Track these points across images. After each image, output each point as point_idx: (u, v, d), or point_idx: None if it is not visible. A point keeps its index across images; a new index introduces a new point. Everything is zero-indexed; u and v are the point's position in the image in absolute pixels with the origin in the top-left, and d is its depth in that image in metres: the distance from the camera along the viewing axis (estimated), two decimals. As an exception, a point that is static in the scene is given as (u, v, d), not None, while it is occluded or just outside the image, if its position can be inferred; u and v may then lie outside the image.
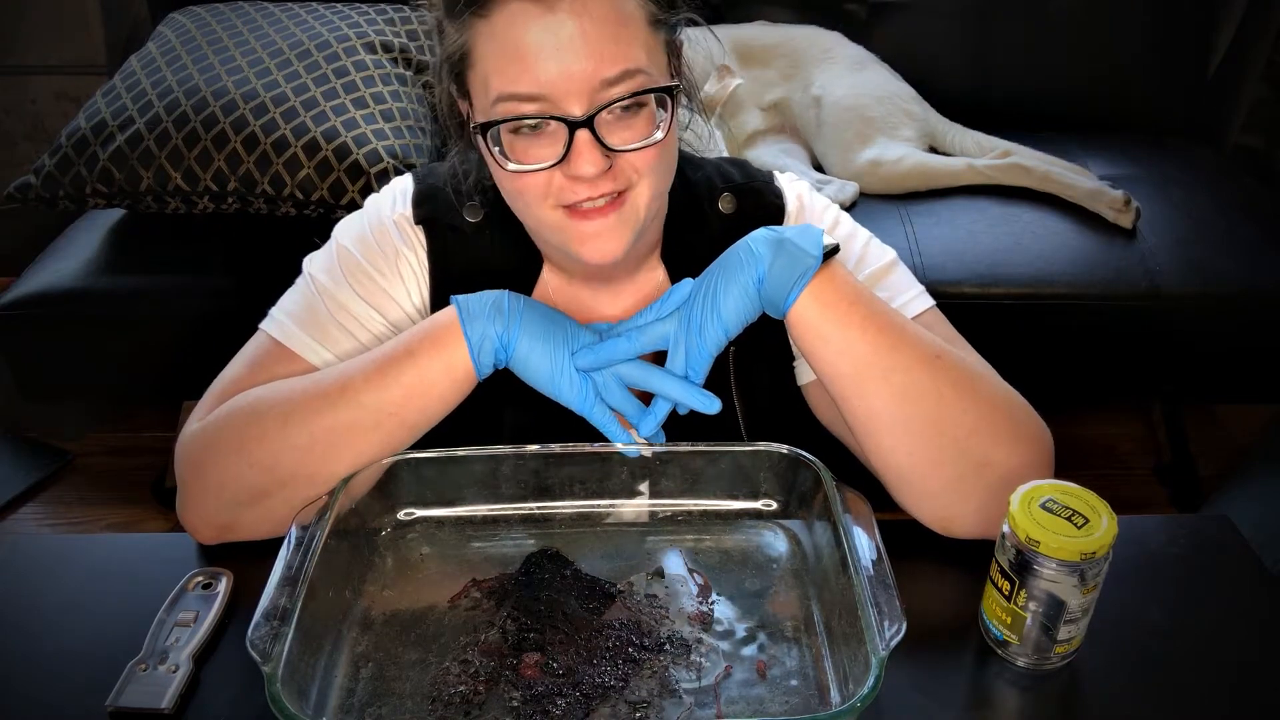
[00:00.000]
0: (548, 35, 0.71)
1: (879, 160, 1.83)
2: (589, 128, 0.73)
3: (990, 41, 2.07)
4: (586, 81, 0.72)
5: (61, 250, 1.74)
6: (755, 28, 2.02)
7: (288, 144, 1.59)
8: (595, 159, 0.74)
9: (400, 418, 0.79)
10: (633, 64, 0.73)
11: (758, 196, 0.91)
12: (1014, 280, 1.65)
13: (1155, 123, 2.10)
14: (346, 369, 0.81)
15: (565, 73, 0.72)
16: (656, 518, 0.86)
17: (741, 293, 0.76)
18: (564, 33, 0.71)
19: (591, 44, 0.71)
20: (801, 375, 0.94)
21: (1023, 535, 0.71)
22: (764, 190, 0.92)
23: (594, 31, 0.71)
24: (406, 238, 0.90)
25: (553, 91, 0.73)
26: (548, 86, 0.73)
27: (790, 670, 0.72)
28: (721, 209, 0.91)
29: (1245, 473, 1.60)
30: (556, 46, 0.71)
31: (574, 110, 0.73)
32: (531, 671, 0.71)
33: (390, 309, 0.89)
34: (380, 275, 0.89)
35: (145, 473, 1.98)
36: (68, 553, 0.88)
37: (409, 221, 0.90)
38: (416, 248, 0.90)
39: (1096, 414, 2.15)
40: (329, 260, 0.90)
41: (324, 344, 0.87)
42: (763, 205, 0.91)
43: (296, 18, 1.79)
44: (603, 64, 0.72)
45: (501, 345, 0.78)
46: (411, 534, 0.85)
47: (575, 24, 0.71)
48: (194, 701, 0.72)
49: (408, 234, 0.90)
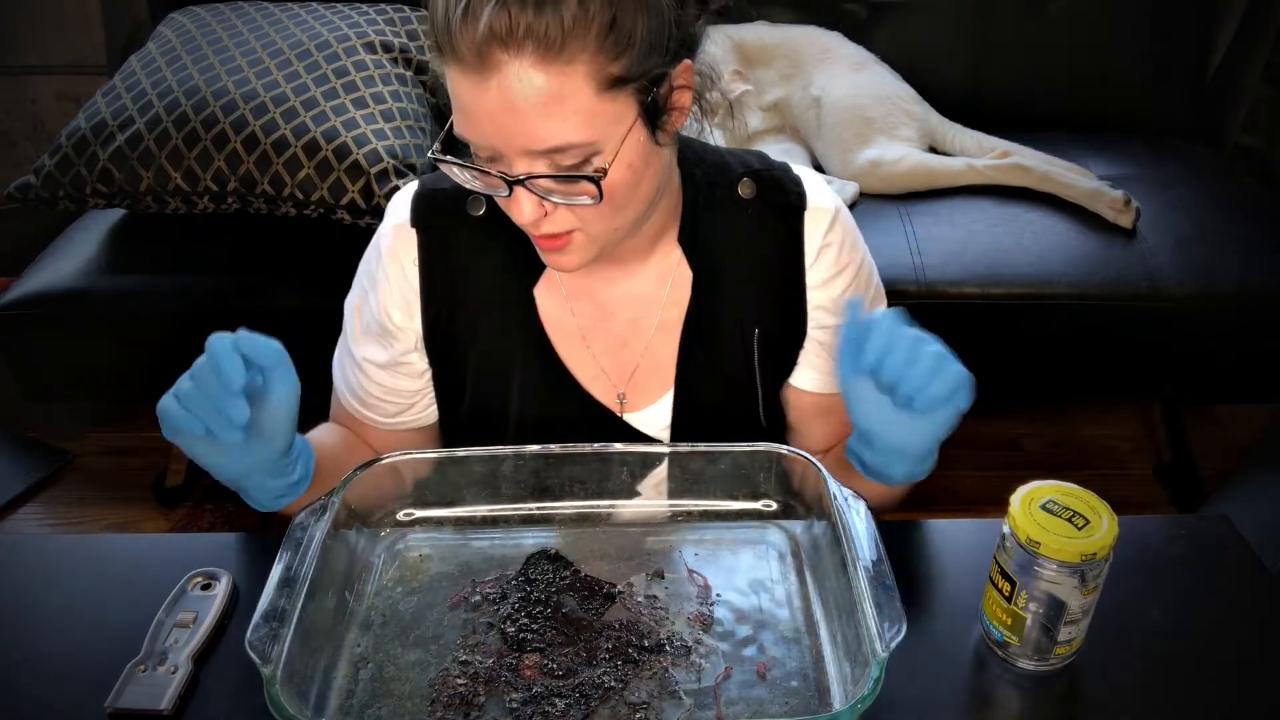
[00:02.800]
0: (482, 103, 0.71)
1: (879, 160, 1.83)
2: (522, 185, 0.74)
3: (990, 41, 2.07)
4: (520, 147, 0.72)
5: (61, 250, 1.74)
6: (755, 28, 2.02)
7: (288, 144, 1.59)
8: (531, 208, 0.75)
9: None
10: (562, 141, 0.72)
11: (778, 184, 0.91)
12: (1014, 280, 1.65)
13: (1155, 123, 2.10)
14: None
15: (498, 137, 0.72)
16: (656, 518, 0.86)
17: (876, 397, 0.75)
18: (493, 104, 0.71)
19: (520, 119, 0.71)
20: (796, 377, 0.95)
21: (1023, 536, 0.71)
22: (784, 179, 0.92)
23: (524, 107, 0.70)
24: (392, 247, 0.90)
25: (492, 147, 0.74)
26: (488, 141, 0.73)
27: (790, 671, 0.72)
28: (741, 194, 0.91)
29: (1245, 473, 1.60)
30: (489, 115, 0.71)
31: (515, 164, 0.74)
32: (531, 672, 0.71)
33: (389, 329, 0.91)
34: (373, 299, 0.91)
35: (145, 473, 1.98)
36: (68, 553, 0.88)
37: (404, 226, 0.90)
38: (402, 253, 0.90)
39: (1097, 414, 2.16)
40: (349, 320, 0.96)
41: (366, 406, 0.95)
42: (783, 193, 0.91)
43: (296, 18, 1.79)
44: (531, 139, 0.72)
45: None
46: (411, 534, 0.85)
47: (502, 99, 0.70)
48: (193, 702, 0.72)
49: (395, 243, 0.90)
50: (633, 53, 0.71)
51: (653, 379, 0.93)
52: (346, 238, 1.49)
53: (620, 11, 0.70)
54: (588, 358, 0.92)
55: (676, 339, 0.92)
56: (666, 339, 0.92)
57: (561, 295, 0.92)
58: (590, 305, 0.92)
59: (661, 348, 0.92)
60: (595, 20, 0.69)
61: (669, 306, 0.92)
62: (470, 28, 0.68)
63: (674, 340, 0.92)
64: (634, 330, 0.92)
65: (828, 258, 0.91)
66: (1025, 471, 1.80)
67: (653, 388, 0.93)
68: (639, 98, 0.74)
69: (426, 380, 0.94)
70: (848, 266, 0.92)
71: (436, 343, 0.91)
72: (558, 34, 0.68)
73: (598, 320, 0.92)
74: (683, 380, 0.92)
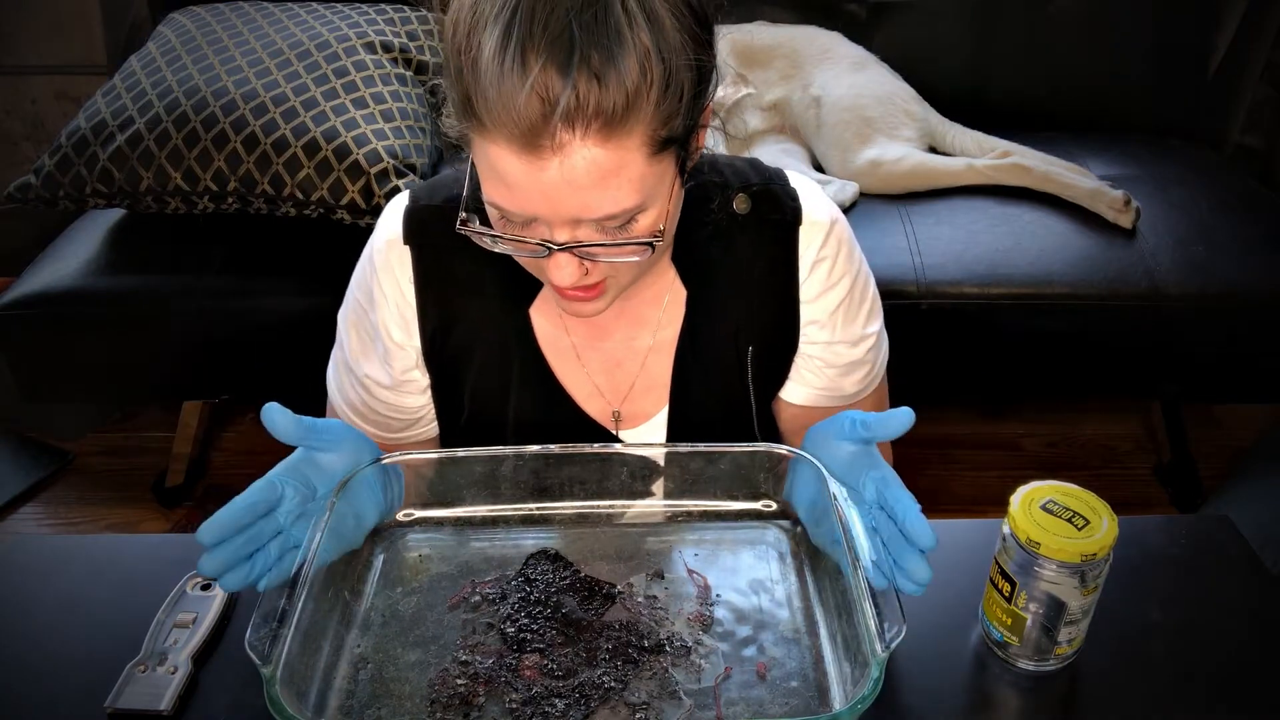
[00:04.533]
0: (533, 179, 0.68)
1: (879, 160, 1.83)
2: (568, 250, 0.73)
3: (990, 41, 2.07)
4: (569, 218, 0.70)
5: (61, 250, 1.74)
6: (755, 28, 2.02)
7: (288, 144, 1.59)
8: (573, 272, 0.74)
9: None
10: (619, 208, 0.70)
11: (774, 199, 0.90)
12: (1014, 280, 1.65)
13: (1155, 123, 2.10)
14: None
15: (547, 208, 0.70)
16: (656, 518, 0.86)
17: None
18: (549, 180, 0.68)
19: (577, 193, 0.68)
20: (787, 391, 0.95)
21: (1023, 537, 0.71)
22: (780, 194, 0.90)
23: (583, 181, 0.67)
24: (387, 264, 0.88)
25: (539, 218, 0.71)
26: (535, 213, 0.71)
27: (790, 671, 0.72)
28: (736, 209, 0.90)
29: (1245, 473, 1.60)
30: (542, 191, 0.68)
31: (558, 232, 0.72)
32: (531, 673, 0.71)
33: (389, 347, 0.91)
34: (370, 317, 0.91)
35: (145, 473, 1.98)
36: (67, 553, 0.88)
37: (397, 243, 0.88)
38: (397, 271, 0.88)
39: (1096, 414, 2.16)
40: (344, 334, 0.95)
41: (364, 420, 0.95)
42: (779, 208, 0.90)
43: (296, 18, 1.79)
44: (585, 210, 0.69)
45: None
46: (411, 534, 0.85)
47: (561, 176, 0.67)
48: (193, 703, 0.72)
49: (389, 259, 0.88)
50: (679, 113, 0.69)
51: (648, 397, 0.93)
52: (346, 238, 1.49)
53: (672, 69, 0.67)
54: (583, 376, 0.92)
55: (671, 357, 0.92)
56: (661, 358, 0.92)
57: (557, 315, 0.91)
58: (585, 325, 0.91)
59: (656, 366, 0.92)
60: (653, 85, 0.66)
61: (663, 325, 0.91)
62: (532, 106, 0.64)
63: (668, 358, 0.92)
64: (629, 349, 0.92)
65: (821, 272, 0.90)
66: (1025, 471, 1.81)
67: (648, 405, 0.93)
68: (678, 152, 0.73)
69: (430, 396, 0.94)
70: (841, 279, 0.91)
71: (434, 358, 0.91)
72: (622, 105, 0.65)
73: (592, 339, 0.92)
74: (678, 398, 0.92)
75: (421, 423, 0.96)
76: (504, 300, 0.90)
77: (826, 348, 0.92)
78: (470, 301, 0.89)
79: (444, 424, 0.96)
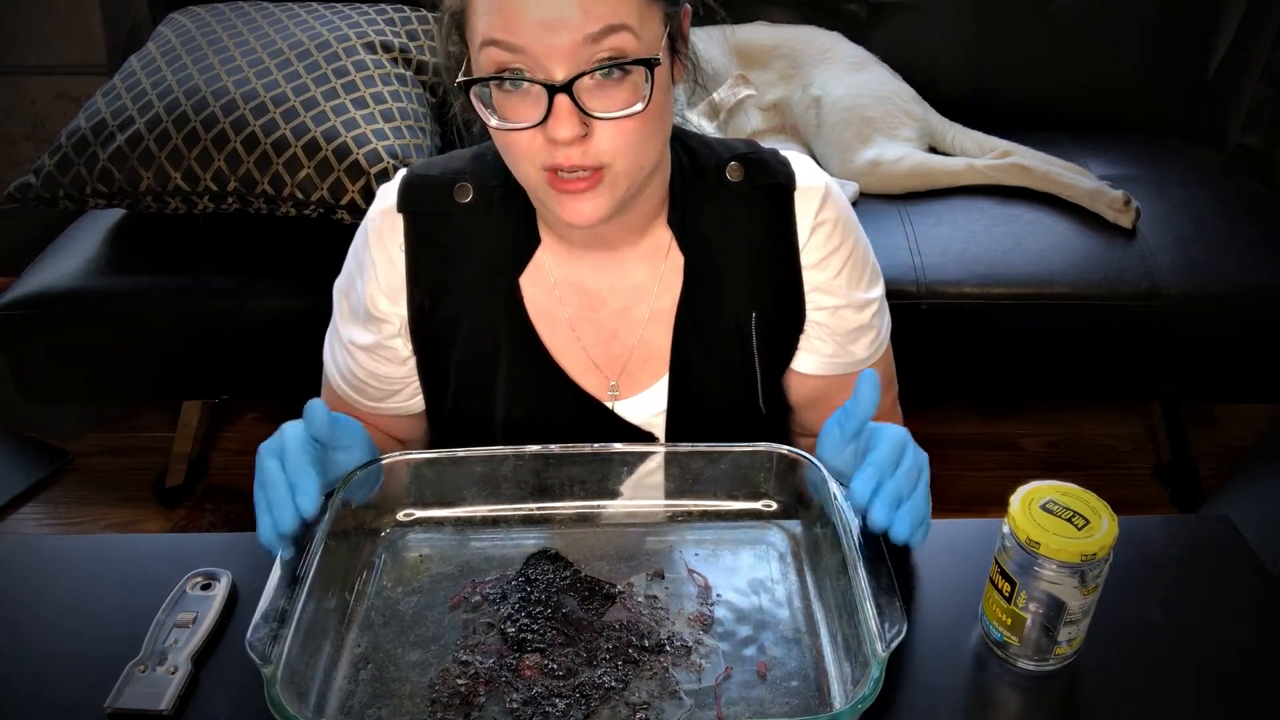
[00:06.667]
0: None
1: (879, 160, 1.83)
2: (568, 92, 0.73)
3: (990, 41, 2.07)
4: (569, 37, 0.72)
5: (61, 250, 1.74)
6: (755, 28, 2.02)
7: (288, 144, 1.59)
8: (573, 124, 0.74)
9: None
10: (618, 19, 0.72)
11: (765, 166, 0.91)
12: (1014, 280, 1.65)
13: (1155, 123, 2.10)
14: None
15: (548, 23, 0.71)
16: (656, 518, 0.86)
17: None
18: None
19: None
20: (798, 362, 0.95)
21: (1023, 536, 0.71)
22: (771, 160, 0.91)
23: None
24: (379, 231, 0.90)
25: (535, 46, 0.72)
26: (531, 39, 0.72)
27: (790, 671, 0.72)
28: (729, 178, 0.90)
29: (1245, 473, 1.60)
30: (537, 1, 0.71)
31: (555, 73, 0.73)
32: (531, 672, 0.71)
33: (374, 314, 0.91)
34: (359, 287, 0.92)
35: (145, 473, 1.98)
36: (67, 553, 0.88)
37: (391, 211, 0.90)
38: (388, 238, 0.90)
39: (1096, 414, 2.16)
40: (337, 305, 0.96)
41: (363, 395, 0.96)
42: (771, 173, 0.90)
43: (296, 18, 1.79)
44: (587, 17, 0.71)
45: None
46: (411, 534, 0.85)
47: None
48: (193, 703, 0.72)
49: (381, 227, 0.90)
50: None
51: (645, 368, 0.92)
52: (347, 238, 1.48)
53: None
54: (577, 349, 0.92)
55: (669, 327, 0.91)
56: (659, 327, 0.91)
57: (549, 284, 0.90)
58: (579, 295, 0.91)
59: (654, 337, 0.92)
60: None
61: (660, 294, 0.91)
62: None
63: (667, 329, 0.91)
64: (625, 320, 0.92)
65: (820, 236, 0.90)
66: (1025, 471, 1.80)
67: (645, 376, 0.93)
68: (666, 22, 0.77)
69: (410, 368, 0.94)
70: (842, 244, 0.91)
71: (420, 329, 0.91)
72: None
73: (587, 310, 0.91)
74: (678, 367, 0.92)
75: (400, 396, 0.95)
76: (493, 269, 0.90)
77: (833, 314, 0.92)
78: (459, 269, 0.89)
79: (430, 399, 0.96)
